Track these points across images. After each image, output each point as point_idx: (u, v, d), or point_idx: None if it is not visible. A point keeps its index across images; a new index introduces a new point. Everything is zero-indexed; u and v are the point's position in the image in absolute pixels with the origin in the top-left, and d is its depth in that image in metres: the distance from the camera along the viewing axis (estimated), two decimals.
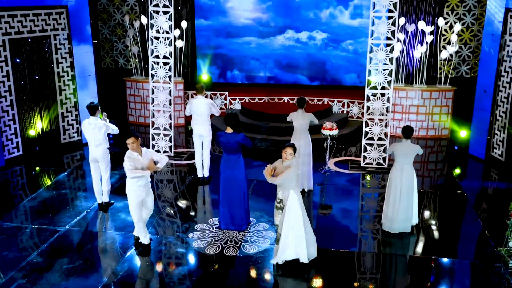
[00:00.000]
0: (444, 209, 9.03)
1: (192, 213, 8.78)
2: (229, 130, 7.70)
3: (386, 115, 10.66)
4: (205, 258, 7.25)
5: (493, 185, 10.27)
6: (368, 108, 10.70)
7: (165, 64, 11.08)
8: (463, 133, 11.90)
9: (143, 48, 13.61)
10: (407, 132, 7.70)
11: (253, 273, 6.87)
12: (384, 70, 10.39)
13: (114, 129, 8.57)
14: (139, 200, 7.16)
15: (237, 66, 15.25)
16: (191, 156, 11.48)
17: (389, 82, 10.47)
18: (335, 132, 10.23)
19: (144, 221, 7.31)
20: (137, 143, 6.98)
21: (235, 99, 14.21)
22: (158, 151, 11.48)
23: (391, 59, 10.38)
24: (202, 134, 9.78)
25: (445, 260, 7.24)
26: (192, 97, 14.12)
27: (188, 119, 10.38)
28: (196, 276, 6.79)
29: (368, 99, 10.62)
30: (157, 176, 10.33)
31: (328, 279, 6.75)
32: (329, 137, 10.36)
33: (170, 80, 11.20)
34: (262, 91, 14.63)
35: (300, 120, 9.23)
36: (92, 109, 8.35)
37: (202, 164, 10.00)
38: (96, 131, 8.34)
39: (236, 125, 7.67)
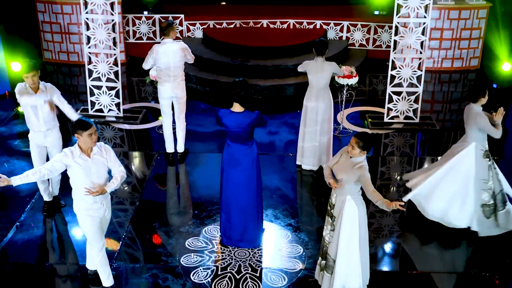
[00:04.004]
0: None
1: (176, 220, 7.15)
2: (237, 107, 5.97)
3: (421, 52, 9.19)
4: None
5: None
6: (396, 43, 9.16)
7: None
8: (506, 66, 10.68)
9: None
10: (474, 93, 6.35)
11: None
12: None
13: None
14: (98, 222, 5.50)
15: None
16: (151, 116, 9.68)
17: (426, 7, 8.90)
18: (354, 80, 8.73)
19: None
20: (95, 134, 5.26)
21: (194, 24, 12.15)
22: (99, 110, 9.53)
23: None
24: (174, 95, 7.96)
25: None
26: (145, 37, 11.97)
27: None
28: None
29: (397, 31, 9.06)
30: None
31: None
32: (345, 87, 8.85)
33: (112, 9, 9.01)
34: (227, 10, 12.66)
35: (319, 72, 7.60)
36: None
37: (175, 136, 8.28)
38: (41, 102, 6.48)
39: (247, 99, 5.96)
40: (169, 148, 8.33)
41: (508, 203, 6.61)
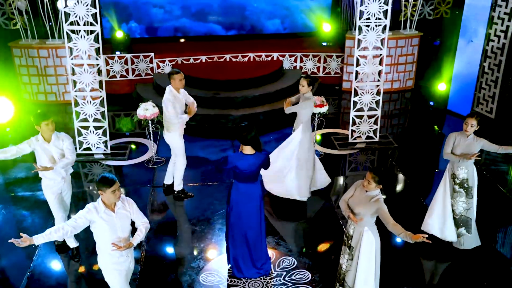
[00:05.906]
0: None
1: (185, 255, 6.42)
2: (248, 150, 5.37)
3: (379, 80, 8.92)
4: None
5: None
6: (358, 73, 8.84)
7: (89, 32, 7.96)
8: (442, 87, 10.66)
9: (32, 4, 10.09)
10: None
11: None
12: (377, 26, 8.49)
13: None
14: (125, 274, 4.81)
15: (135, 17, 12.21)
16: (136, 151, 8.86)
17: (382, 41, 8.64)
18: (325, 109, 8.30)
19: None
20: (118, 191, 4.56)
21: (163, 61, 11.37)
22: (87, 149, 8.63)
23: (385, 12, 8.45)
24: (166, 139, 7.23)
25: None
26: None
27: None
28: None
29: (358, 63, 8.75)
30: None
31: None
32: (317, 115, 8.42)
33: (98, 54, 8.16)
34: (189, 47, 11.95)
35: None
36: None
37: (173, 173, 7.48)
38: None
39: (256, 141, 5.37)
40: (166, 179, 7.55)
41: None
